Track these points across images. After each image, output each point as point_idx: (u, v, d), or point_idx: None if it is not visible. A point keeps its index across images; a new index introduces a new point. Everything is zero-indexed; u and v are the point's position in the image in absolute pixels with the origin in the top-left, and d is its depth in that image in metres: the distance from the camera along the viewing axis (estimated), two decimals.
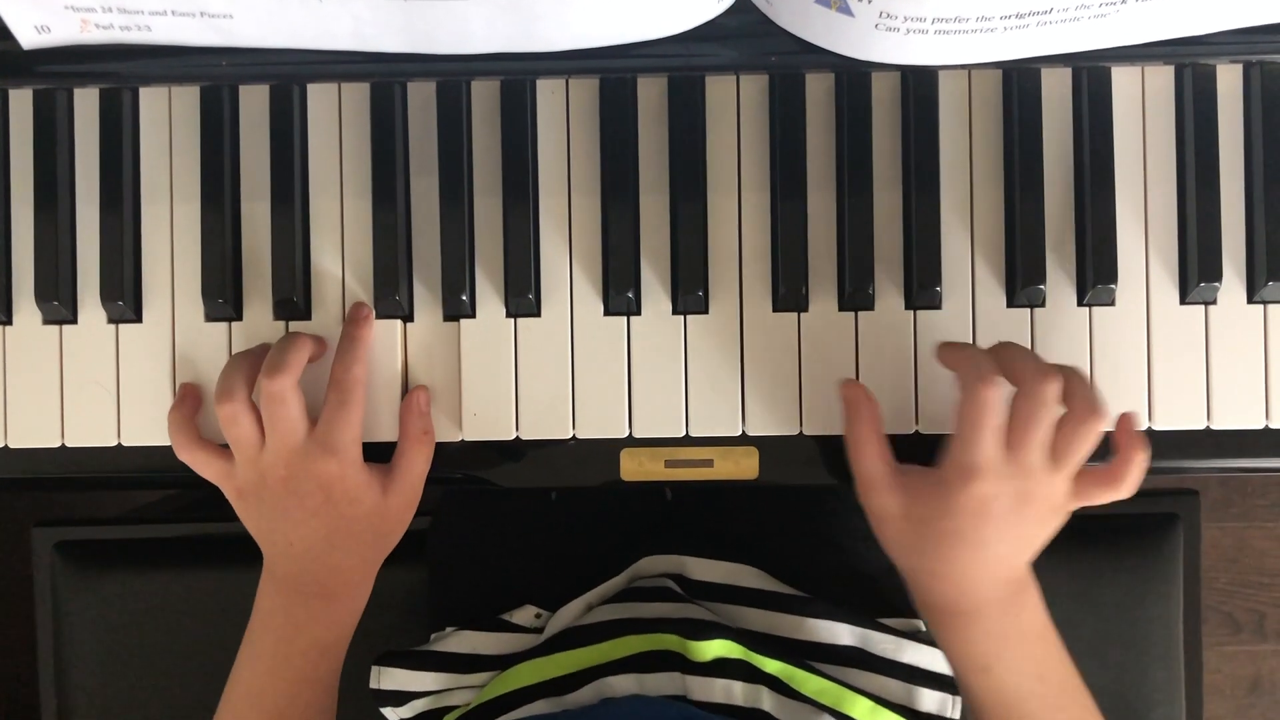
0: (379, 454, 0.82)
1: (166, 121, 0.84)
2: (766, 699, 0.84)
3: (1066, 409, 0.75)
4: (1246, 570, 1.87)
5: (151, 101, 0.84)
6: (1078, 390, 0.75)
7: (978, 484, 0.73)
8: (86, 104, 0.84)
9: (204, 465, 0.81)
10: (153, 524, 1.15)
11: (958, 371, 0.77)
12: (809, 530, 0.99)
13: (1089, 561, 1.08)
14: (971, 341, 0.82)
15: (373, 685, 0.93)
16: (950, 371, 0.79)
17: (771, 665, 0.85)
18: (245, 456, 0.79)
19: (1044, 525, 0.76)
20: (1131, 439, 0.77)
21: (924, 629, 0.95)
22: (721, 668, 0.84)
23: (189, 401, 0.83)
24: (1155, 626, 1.09)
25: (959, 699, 0.90)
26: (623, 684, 0.84)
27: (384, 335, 0.83)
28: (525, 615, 0.95)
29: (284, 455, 0.78)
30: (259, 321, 0.84)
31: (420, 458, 0.82)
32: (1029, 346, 0.82)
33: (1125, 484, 0.76)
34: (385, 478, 0.81)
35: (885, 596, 0.97)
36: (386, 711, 0.94)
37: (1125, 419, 0.78)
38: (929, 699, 0.90)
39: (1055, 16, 0.71)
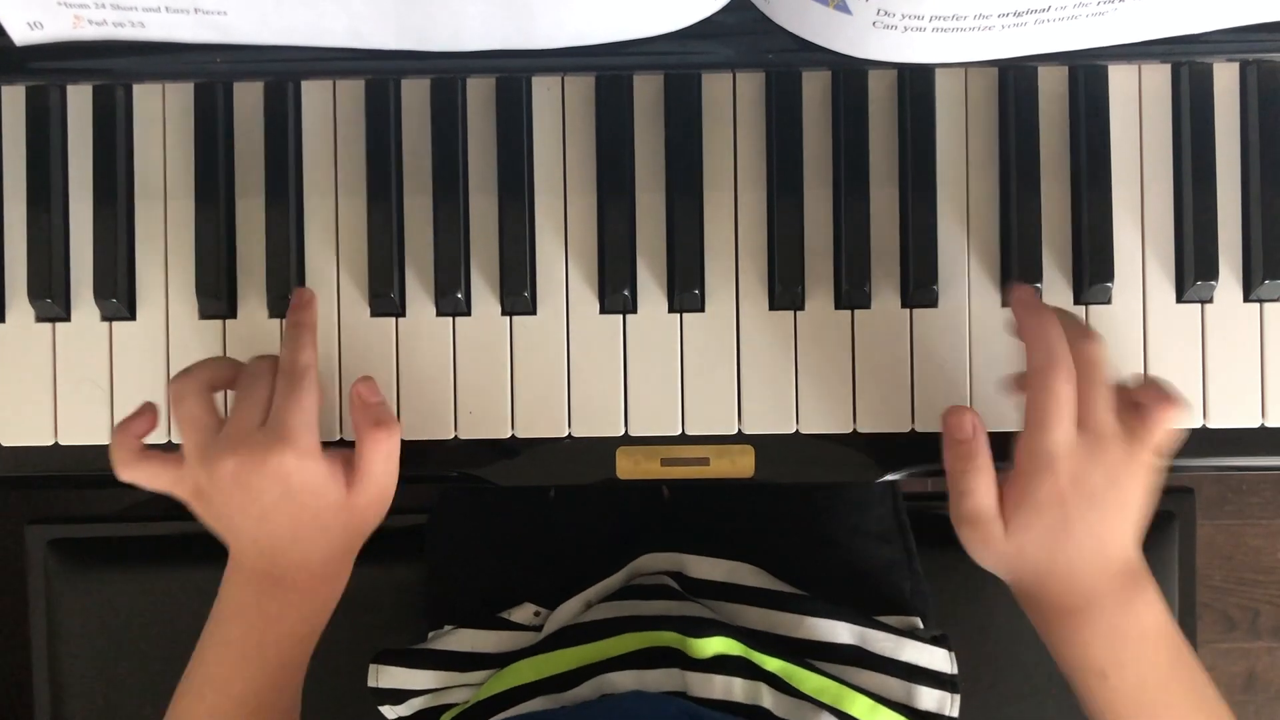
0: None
1: (160, 118, 0.84)
2: (766, 696, 0.84)
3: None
4: (1241, 568, 1.87)
5: (145, 98, 0.84)
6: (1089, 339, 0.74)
7: (1060, 471, 0.72)
8: (80, 101, 0.83)
9: (151, 478, 0.77)
10: (146, 521, 1.15)
11: (1029, 348, 0.75)
12: (808, 528, 0.99)
13: None
14: (968, 340, 0.82)
15: (371, 684, 0.93)
16: (950, 363, 0.78)
17: (771, 663, 0.85)
18: (194, 443, 0.75)
19: (1138, 486, 0.74)
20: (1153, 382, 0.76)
21: (922, 627, 0.95)
22: (721, 665, 0.84)
23: (138, 419, 0.79)
24: None
25: (958, 697, 0.90)
26: (622, 681, 0.84)
27: (378, 332, 0.83)
28: (524, 613, 0.95)
29: (234, 442, 0.74)
30: (253, 319, 0.84)
31: (378, 452, 0.76)
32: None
33: (1173, 394, 0.74)
34: (348, 472, 0.77)
35: (884, 594, 0.97)
36: (385, 710, 0.94)
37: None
38: (928, 697, 0.90)
39: (1053, 15, 0.71)
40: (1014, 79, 0.81)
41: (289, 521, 0.76)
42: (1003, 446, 0.75)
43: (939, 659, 0.91)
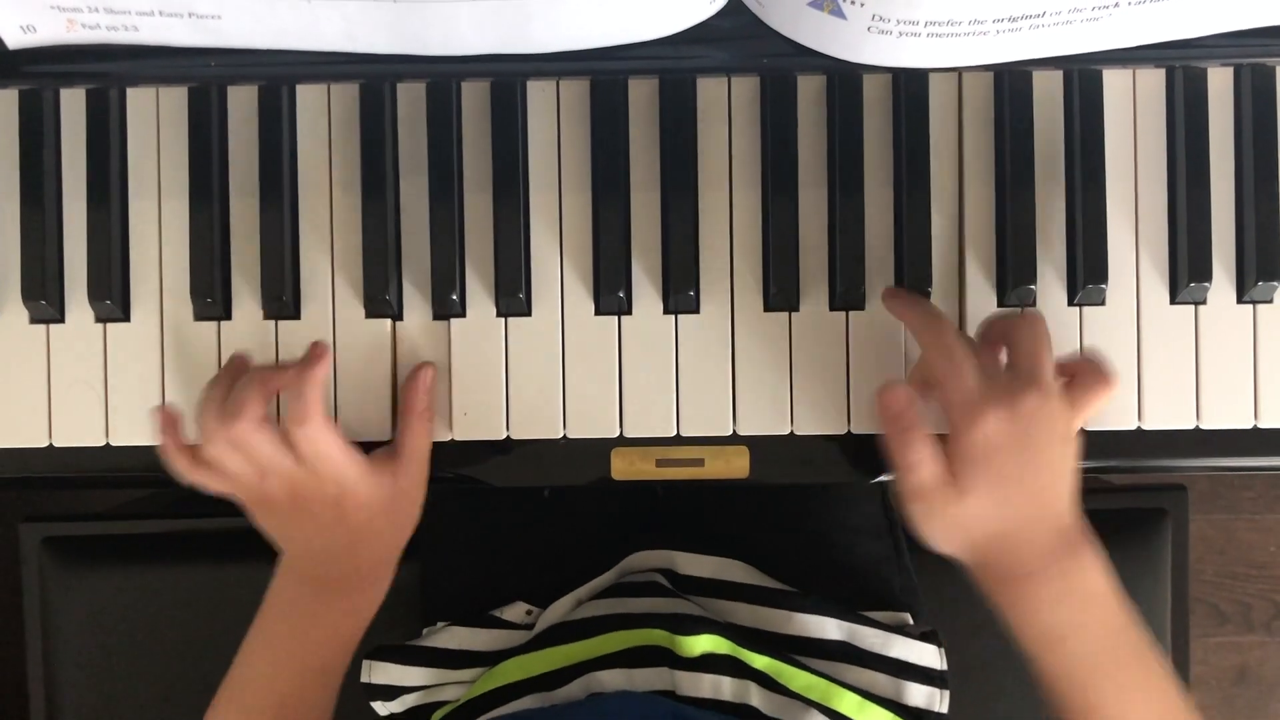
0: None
1: (154, 120, 0.83)
2: (755, 694, 0.84)
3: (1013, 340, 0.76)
4: (1233, 562, 1.88)
5: (139, 100, 0.83)
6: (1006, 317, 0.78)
7: (982, 418, 0.73)
8: (73, 103, 0.83)
9: (210, 485, 0.80)
10: (140, 519, 1.15)
11: (908, 322, 0.80)
12: (798, 524, 0.99)
13: None
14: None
15: (363, 679, 0.93)
16: None
17: (759, 661, 0.85)
18: (248, 486, 0.79)
19: (1065, 445, 0.75)
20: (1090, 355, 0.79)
21: (911, 623, 0.95)
22: (709, 663, 0.84)
23: (170, 427, 0.80)
24: (1143, 620, 1.09)
25: (947, 693, 0.90)
26: (611, 679, 0.84)
27: (373, 335, 0.83)
28: (516, 612, 0.95)
29: (284, 484, 0.78)
30: (248, 322, 0.83)
31: (424, 434, 0.81)
32: None
33: (1106, 370, 0.76)
34: (392, 463, 0.81)
35: (873, 591, 0.97)
36: (377, 706, 0.94)
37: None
38: (917, 693, 0.90)
39: (1048, 20, 0.71)
40: (1009, 82, 0.81)
41: (344, 535, 0.80)
42: None
43: (928, 655, 0.91)
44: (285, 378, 0.78)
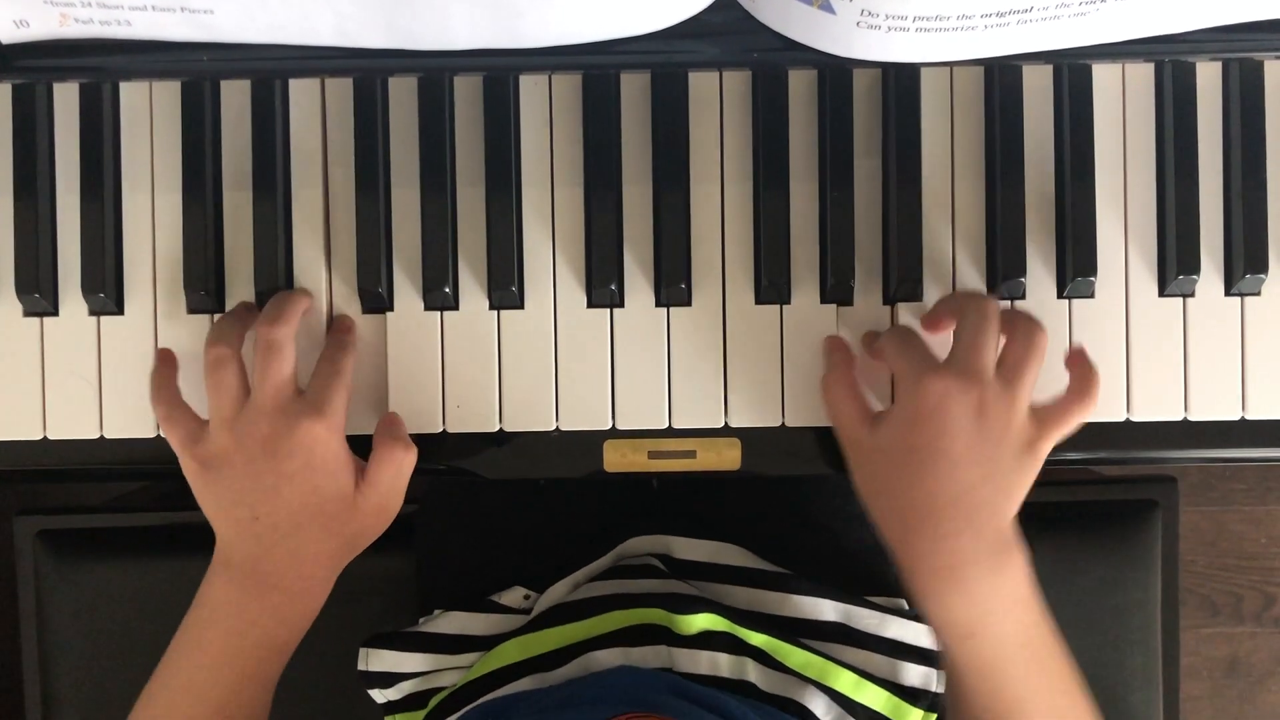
0: (356, 447, 0.81)
1: (148, 114, 0.84)
2: (752, 671, 0.84)
3: (1008, 334, 0.76)
4: (1224, 553, 1.88)
5: (132, 94, 0.84)
6: (1019, 313, 0.77)
7: (929, 380, 0.73)
8: (66, 97, 0.83)
9: (176, 423, 0.79)
10: (135, 512, 1.15)
11: (871, 349, 0.82)
12: (793, 512, 1.00)
13: (1068, 547, 1.09)
14: (952, 334, 0.82)
15: (360, 667, 0.93)
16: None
17: (757, 638, 0.86)
18: (224, 412, 0.77)
19: (1013, 456, 0.75)
20: (1083, 360, 0.78)
21: (907, 606, 0.96)
22: (707, 640, 0.85)
23: (170, 360, 0.82)
24: (1133, 612, 1.10)
25: (943, 673, 0.90)
26: (609, 658, 0.85)
27: (366, 327, 0.83)
28: (514, 597, 0.96)
29: (269, 408, 0.76)
30: None
31: (391, 463, 0.79)
32: None
33: (1089, 395, 0.76)
34: (360, 473, 0.79)
35: (869, 576, 0.98)
36: (374, 694, 0.95)
37: (1076, 350, 0.79)
38: (913, 673, 0.90)
39: (1035, 15, 0.72)
40: (999, 76, 0.82)
41: (298, 500, 0.77)
42: None
43: (924, 635, 0.92)
44: (310, 299, 0.82)
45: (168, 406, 0.80)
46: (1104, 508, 1.11)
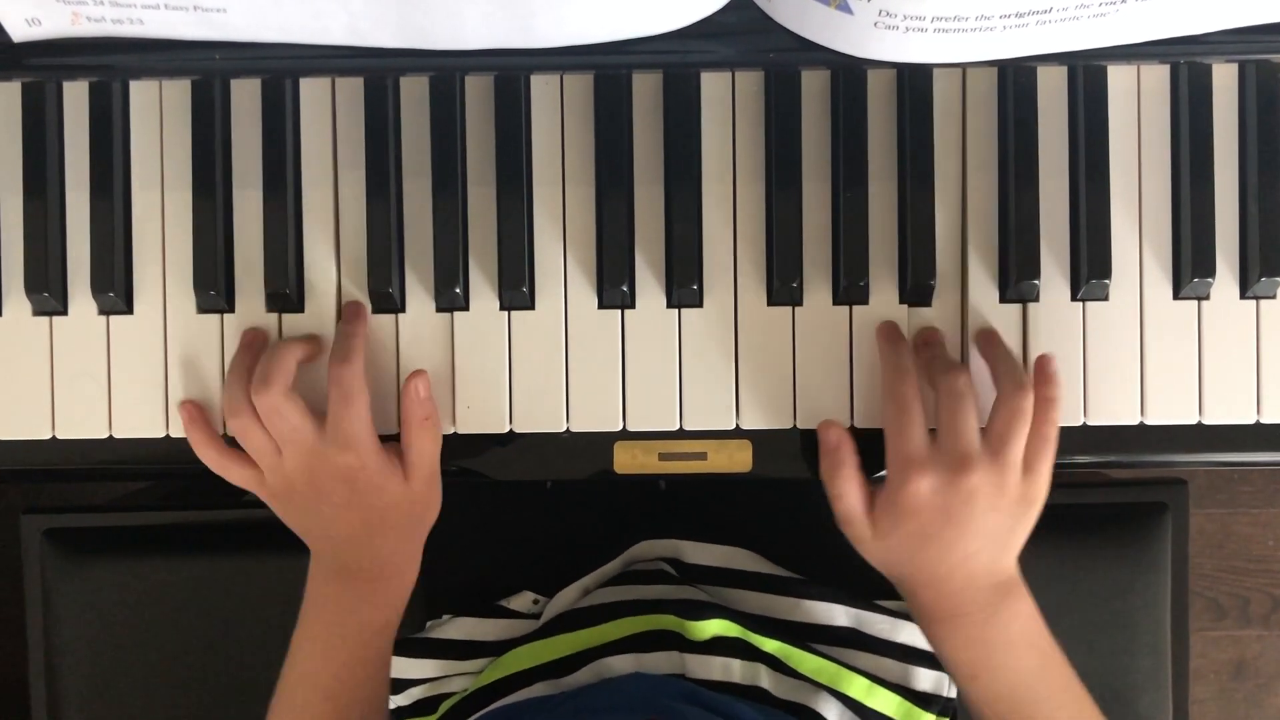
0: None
1: (158, 113, 0.83)
2: (765, 677, 0.84)
3: (997, 398, 0.77)
4: (1232, 556, 1.88)
5: (142, 93, 0.83)
6: (1004, 368, 0.78)
7: (915, 480, 0.75)
8: (76, 95, 0.83)
9: (235, 475, 0.82)
10: (142, 511, 1.15)
11: (882, 365, 0.80)
12: (803, 515, 0.99)
13: (1078, 550, 1.09)
14: (964, 337, 0.82)
15: None
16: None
17: (769, 644, 0.86)
18: (268, 465, 0.80)
19: (1010, 516, 0.77)
20: (1042, 376, 0.79)
21: None
22: (719, 646, 0.85)
23: (198, 417, 0.83)
24: (1143, 615, 1.09)
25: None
26: (621, 664, 0.85)
27: (377, 328, 0.83)
28: (523, 601, 0.95)
29: (301, 460, 0.79)
30: (251, 314, 0.84)
31: (427, 441, 0.81)
32: (1022, 342, 0.83)
33: (1046, 426, 0.77)
34: (404, 467, 0.81)
35: (880, 580, 0.97)
36: None
37: (1040, 361, 0.80)
38: (925, 678, 0.90)
39: (1054, 16, 0.71)
40: (1013, 77, 0.81)
41: (359, 519, 0.81)
42: None
43: None
44: (311, 346, 0.82)
45: (220, 460, 0.82)
46: (1113, 511, 1.11)
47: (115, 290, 0.82)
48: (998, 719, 0.79)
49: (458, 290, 0.82)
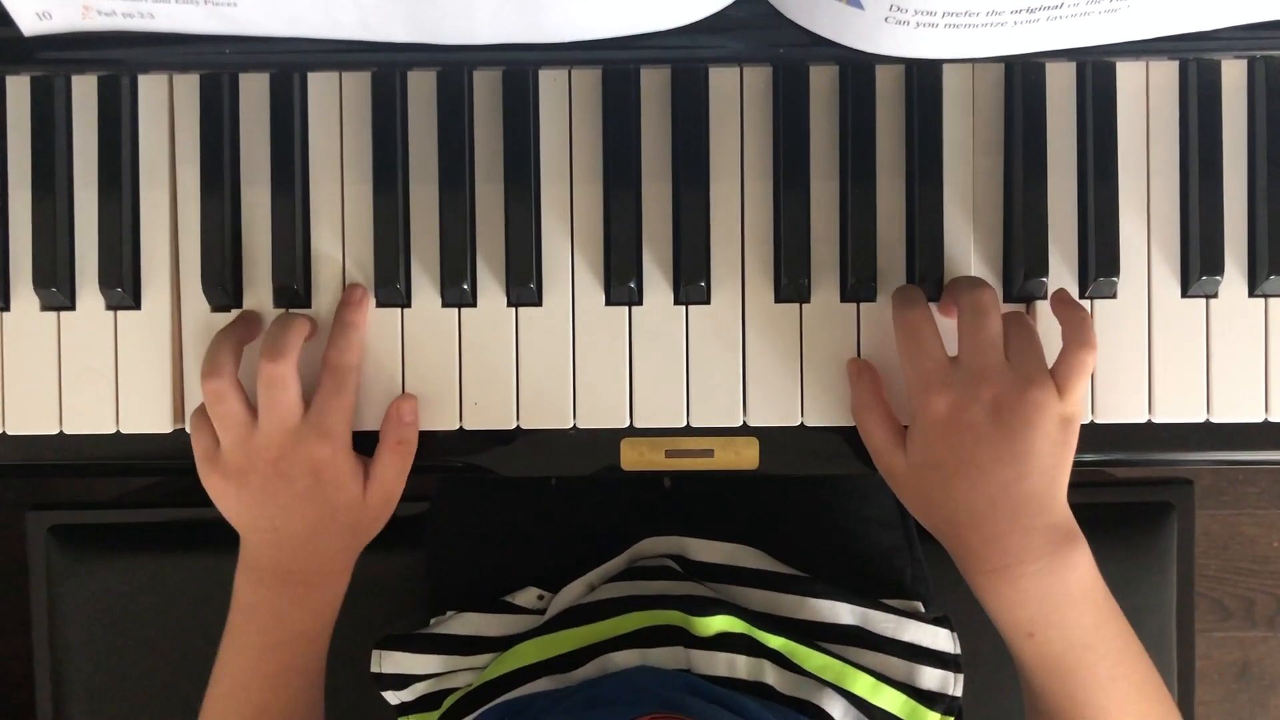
0: (363, 442, 0.82)
1: (166, 107, 0.83)
2: (770, 673, 0.84)
3: (1005, 322, 0.78)
4: (1237, 557, 1.88)
5: (151, 87, 0.83)
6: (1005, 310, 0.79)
7: (935, 395, 0.75)
8: (85, 89, 0.83)
9: (200, 436, 0.81)
10: (147, 508, 1.15)
11: (892, 306, 0.81)
12: (809, 513, 0.99)
13: None
14: None
15: (373, 669, 0.93)
16: None
17: (774, 641, 0.86)
18: (234, 436, 0.80)
19: (1044, 438, 0.75)
20: (1067, 303, 0.79)
21: (924, 609, 0.95)
22: (724, 642, 0.85)
23: (247, 326, 0.83)
24: (1148, 615, 1.09)
25: (961, 676, 0.90)
26: (626, 659, 0.85)
27: (383, 323, 0.83)
28: (528, 597, 0.95)
29: (277, 437, 0.79)
30: (258, 308, 0.83)
31: (392, 467, 0.82)
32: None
33: (1087, 334, 0.77)
34: (366, 472, 0.82)
35: (886, 578, 0.97)
36: (387, 695, 0.94)
37: (1056, 296, 0.80)
38: (930, 676, 0.90)
39: (1065, 11, 0.71)
40: (1021, 73, 0.81)
41: (312, 513, 0.80)
42: None
43: (941, 639, 0.91)
44: (313, 326, 0.82)
45: (199, 416, 0.82)
46: (1118, 510, 1.11)
47: (123, 285, 0.82)
48: (1053, 688, 0.77)
49: (465, 286, 0.82)
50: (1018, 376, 0.75)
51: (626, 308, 0.83)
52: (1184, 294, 0.82)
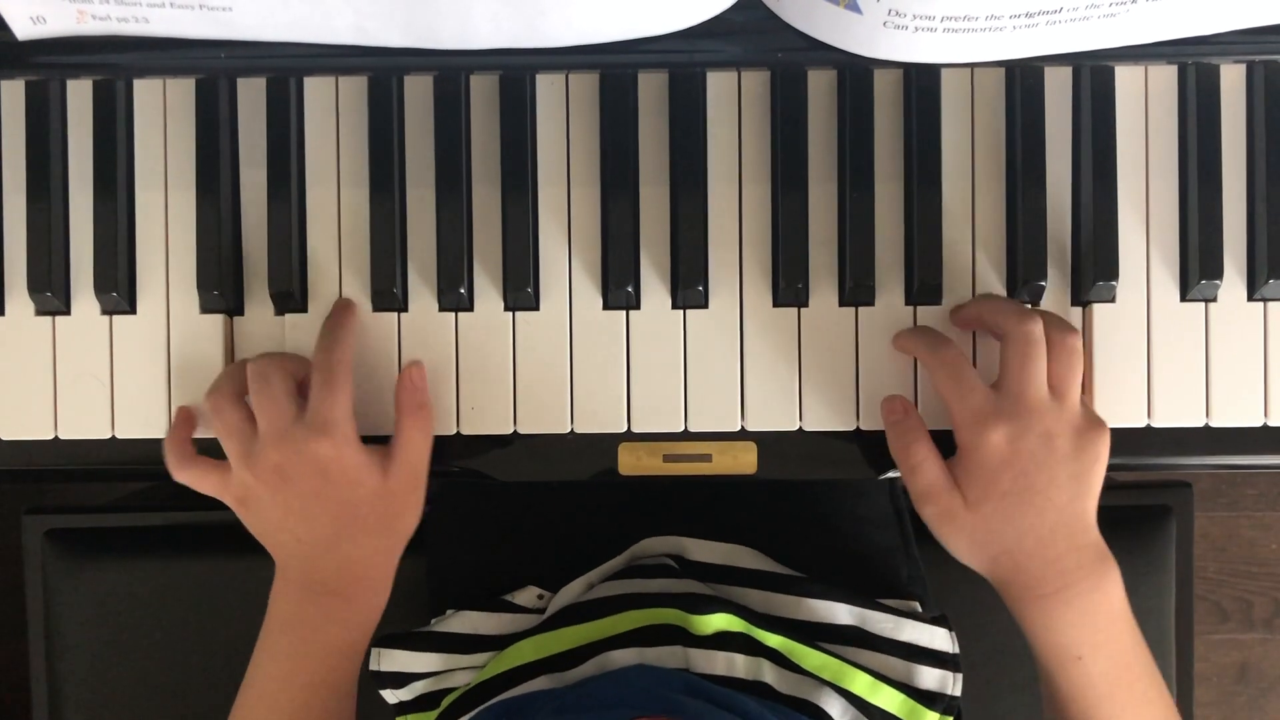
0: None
1: (161, 111, 0.83)
2: (768, 672, 0.84)
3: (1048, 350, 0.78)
4: (1235, 559, 1.88)
5: (146, 91, 0.83)
6: (1049, 320, 0.79)
7: (991, 430, 0.76)
8: (80, 94, 0.83)
9: (201, 480, 0.81)
10: (143, 512, 1.15)
11: (916, 352, 0.81)
12: (806, 514, 0.99)
13: None
14: (973, 338, 0.82)
15: (372, 667, 0.92)
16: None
17: (772, 639, 0.86)
18: (237, 452, 0.79)
19: (1087, 455, 0.77)
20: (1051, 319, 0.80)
21: (921, 609, 0.95)
22: (723, 641, 0.85)
23: (184, 424, 0.83)
24: (1147, 618, 1.08)
25: (959, 676, 0.90)
26: (624, 658, 0.85)
27: (380, 328, 0.83)
28: (528, 596, 0.95)
29: (274, 441, 0.78)
30: (255, 313, 0.83)
31: (417, 433, 0.81)
32: None
33: (1070, 337, 0.78)
34: (385, 459, 0.81)
35: (881, 580, 0.97)
36: (386, 694, 0.94)
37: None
38: (929, 676, 0.90)
39: (1064, 16, 0.71)
40: (1021, 77, 0.81)
41: (330, 517, 0.79)
42: None
43: (939, 638, 0.91)
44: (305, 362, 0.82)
45: (184, 470, 0.82)
46: (1117, 513, 1.10)
47: (118, 290, 0.82)
48: (1092, 707, 0.79)
49: (462, 290, 0.81)
50: (1060, 404, 0.77)
51: (624, 312, 0.83)
52: (1183, 298, 0.82)
